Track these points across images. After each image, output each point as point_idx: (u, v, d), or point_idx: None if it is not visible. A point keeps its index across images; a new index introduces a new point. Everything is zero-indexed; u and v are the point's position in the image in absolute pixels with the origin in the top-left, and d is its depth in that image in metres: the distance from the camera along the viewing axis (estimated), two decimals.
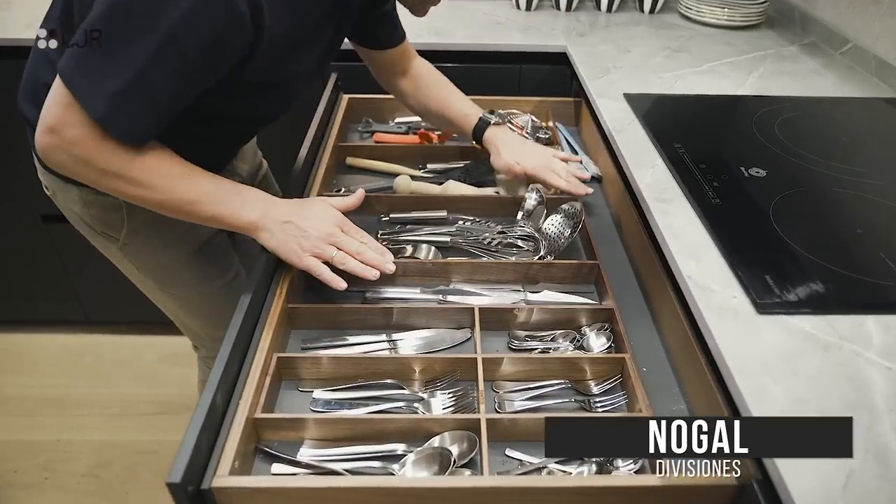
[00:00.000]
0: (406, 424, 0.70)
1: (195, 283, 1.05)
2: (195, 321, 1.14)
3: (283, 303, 0.82)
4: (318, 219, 0.82)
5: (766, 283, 0.70)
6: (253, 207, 0.81)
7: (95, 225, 0.95)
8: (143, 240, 0.97)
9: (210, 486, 0.60)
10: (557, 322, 0.86)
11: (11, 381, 1.81)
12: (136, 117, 0.71)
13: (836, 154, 0.98)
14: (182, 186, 0.78)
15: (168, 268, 1.02)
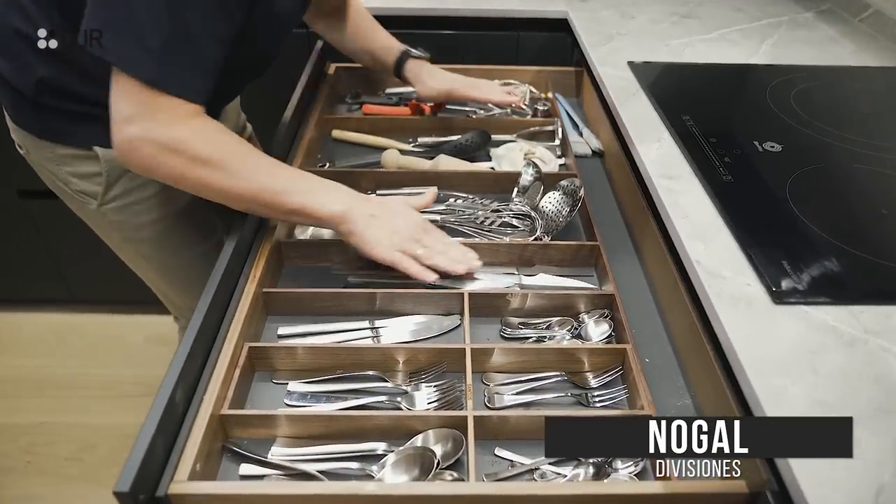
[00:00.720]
0: (387, 422, 0.65)
1: (175, 249, 1.01)
2: (174, 290, 1.09)
3: (257, 287, 0.76)
4: (404, 217, 0.81)
5: (782, 269, 0.63)
6: (338, 199, 0.78)
7: (71, 184, 0.91)
8: (121, 201, 0.93)
9: (166, 492, 0.54)
10: (554, 308, 0.79)
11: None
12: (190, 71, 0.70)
13: (856, 127, 0.91)
14: (268, 175, 0.76)
15: (146, 231, 0.97)
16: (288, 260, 0.87)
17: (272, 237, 0.83)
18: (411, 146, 1.12)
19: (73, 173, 0.90)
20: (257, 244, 0.81)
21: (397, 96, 1.29)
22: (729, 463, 0.53)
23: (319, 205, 0.77)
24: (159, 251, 1.01)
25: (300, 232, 0.92)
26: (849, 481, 0.46)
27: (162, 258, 1.02)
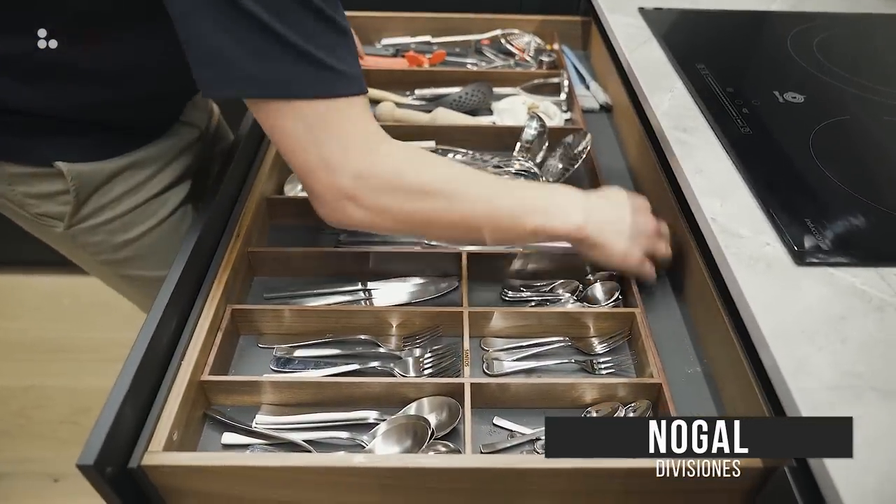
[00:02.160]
0: (379, 389, 0.61)
1: (160, 263, 0.88)
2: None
3: (242, 246, 0.71)
4: (639, 212, 0.69)
5: (805, 228, 0.58)
6: (576, 208, 0.65)
7: (27, 206, 0.78)
8: (94, 219, 0.80)
9: (139, 464, 0.50)
10: (558, 270, 0.75)
11: None
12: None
13: (885, 78, 0.85)
14: (497, 195, 0.64)
15: (126, 251, 0.85)
16: (275, 218, 0.82)
17: (258, 192, 0.78)
18: (409, 99, 1.06)
19: (28, 194, 0.76)
20: (242, 199, 0.77)
21: (394, 48, 1.22)
22: (729, 463, 0.50)
23: (561, 222, 0.64)
24: (144, 269, 0.88)
25: (290, 189, 0.87)
26: (878, 458, 0.41)
27: (148, 276, 0.89)
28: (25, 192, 0.76)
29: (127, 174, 0.80)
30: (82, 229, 0.81)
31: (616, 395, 0.61)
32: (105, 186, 0.78)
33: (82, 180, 0.76)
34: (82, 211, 0.79)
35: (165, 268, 0.87)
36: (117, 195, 0.80)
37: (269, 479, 0.52)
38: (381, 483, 0.52)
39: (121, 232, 0.83)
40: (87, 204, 0.78)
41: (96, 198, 0.79)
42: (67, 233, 0.80)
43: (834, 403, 0.44)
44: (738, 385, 0.56)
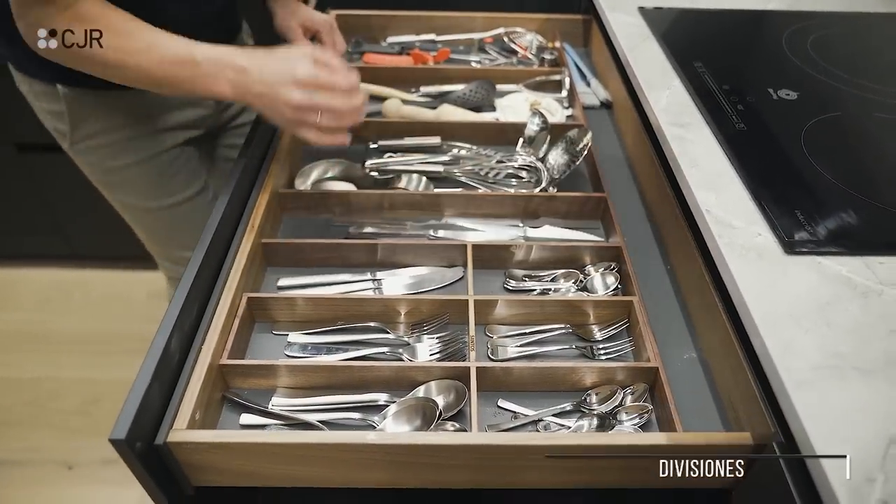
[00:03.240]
0: (389, 373, 0.64)
1: (148, 196, 0.98)
2: (150, 238, 1.07)
3: (256, 238, 0.74)
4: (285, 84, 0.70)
5: (795, 219, 0.61)
6: (220, 78, 0.71)
7: (46, 121, 0.90)
8: (89, 142, 0.90)
9: (165, 440, 0.54)
10: (559, 261, 0.78)
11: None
12: None
13: (878, 76, 0.87)
14: (146, 64, 0.70)
15: (117, 176, 0.95)
16: (286, 211, 0.85)
17: (271, 187, 0.81)
18: (415, 96, 1.09)
19: (43, 109, 0.89)
20: (255, 193, 0.80)
21: (399, 45, 1.25)
22: (733, 462, 0.53)
23: (207, 92, 0.72)
24: (132, 197, 0.98)
25: (300, 182, 0.90)
26: (860, 433, 0.44)
27: (134, 204, 0.99)
28: (40, 107, 0.89)
29: (122, 109, 0.88)
30: (80, 148, 0.91)
31: (615, 379, 0.64)
32: (95, 113, 0.87)
33: (73, 104, 0.85)
34: (78, 132, 0.88)
35: (151, 199, 0.97)
36: (109, 124, 0.88)
37: (286, 456, 0.55)
38: (392, 460, 0.55)
39: (110, 158, 0.92)
40: (81, 127, 0.88)
41: (91, 122, 0.88)
42: (71, 149, 0.92)
43: (817, 382, 0.47)
44: (730, 367, 0.59)
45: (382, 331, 0.70)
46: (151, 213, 0.99)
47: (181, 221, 1.01)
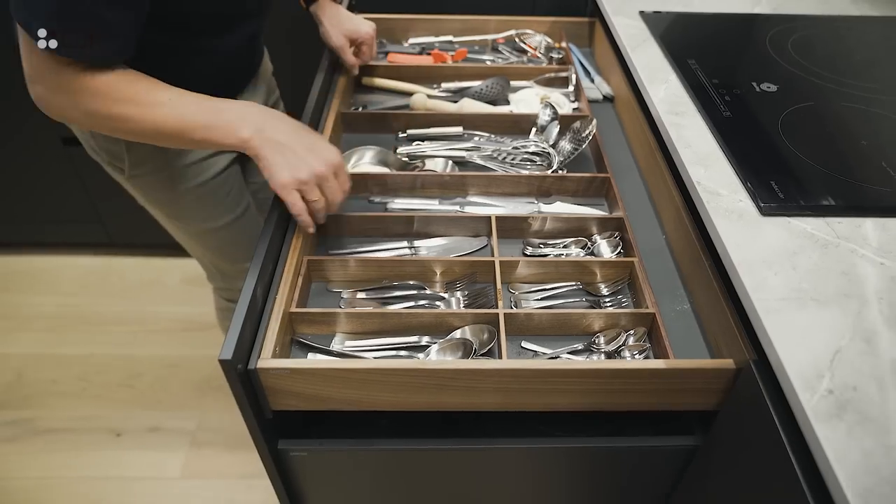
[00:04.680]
0: (430, 318, 0.76)
1: (202, 219, 1.05)
2: (205, 253, 1.14)
3: None
4: (317, 154, 0.75)
5: (770, 189, 0.73)
6: (244, 126, 0.74)
7: (102, 155, 0.96)
8: (148, 172, 0.96)
9: (256, 366, 0.66)
10: (570, 230, 0.90)
11: (40, 301, 1.89)
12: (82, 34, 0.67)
13: (848, 72, 1.00)
14: (164, 115, 0.73)
15: (174, 202, 1.01)
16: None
17: None
18: (437, 91, 1.22)
19: (102, 146, 0.94)
20: None
21: (419, 46, 1.37)
22: None
23: (223, 136, 0.74)
24: (187, 220, 1.04)
25: None
26: (814, 345, 0.56)
27: (190, 226, 1.06)
28: (99, 143, 0.93)
29: None
30: (138, 180, 0.97)
31: (619, 324, 0.77)
32: (152, 149, 0.92)
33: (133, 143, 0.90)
34: (136, 165, 0.94)
35: (207, 221, 1.04)
36: (165, 157, 0.95)
37: (351, 380, 0.67)
38: (438, 384, 0.68)
39: (168, 188, 0.98)
40: (139, 161, 0.94)
41: (149, 154, 0.94)
42: (129, 181, 0.98)
43: (783, 310, 0.59)
44: (714, 309, 0.72)
45: (421, 287, 0.83)
46: (206, 234, 1.06)
47: (234, 237, 1.08)
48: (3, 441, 1.54)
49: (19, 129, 1.67)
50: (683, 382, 0.68)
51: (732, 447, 0.66)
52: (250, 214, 1.11)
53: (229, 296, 1.24)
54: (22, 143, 1.70)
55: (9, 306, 1.87)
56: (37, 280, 1.95)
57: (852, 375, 0.54)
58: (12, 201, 1.84)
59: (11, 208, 1.86)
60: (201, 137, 0.74)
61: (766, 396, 0.59)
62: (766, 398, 0.58)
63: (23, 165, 1.76)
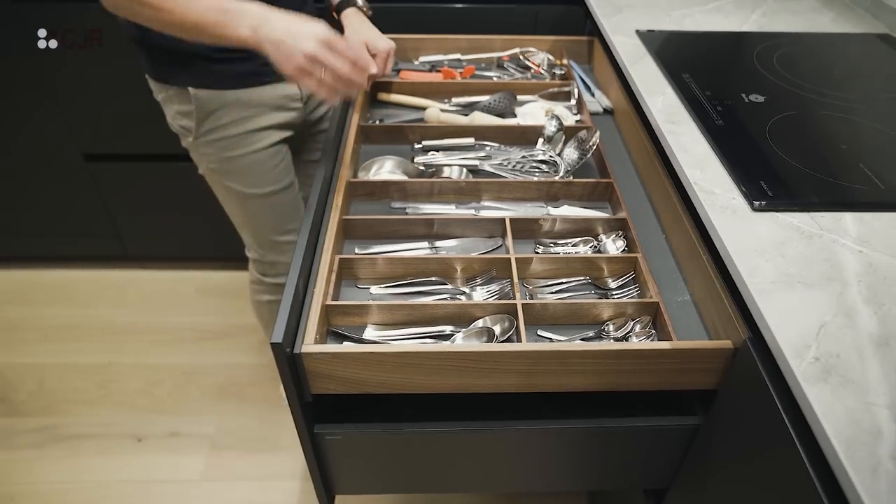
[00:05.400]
0: (453, 310, 0.83)
1: (248, 184, 1.19)
2: (245, 219, 1.27)
3: (339, 214, 0.94)
4: (303, 36, 0.86)
5: (760, 188, 0.81)
6: (243, 24, 0.87)
7: (176, 120, 1.11)
8: (208, 136, 1.12)
9: (300, 351, 0.73)
10: (577, 231, 0.98)
11: (58, 313, 1.95)
12: None
13: (828, 83, 1.08)
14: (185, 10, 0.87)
15: (226, 164, 1.16)
16: (354, 197, 1.05)
17: (344, 177, 1.00)
18: (448, 106, 1.30)
19: (174, 111, 1.10)
20: (334, 184, 0.99)
21: (429, 64, 1.46)
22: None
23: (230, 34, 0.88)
24: (238, 184, 1.19)
25: (362, 175, 1.10)
26: (801, 321, 0.64)
27: (237, 189, 1.20)
28: (173, 109, 1.11)
29: (235, 107, 1.10)
30: (201, 142, 1.13)
31: (626, 312, 0.84)
32: (218, 111, 1.09)
33: (200, 104, 1.07)
34: (202, 127, 1.10)
35: (254, 187, 1.20)
36: (226, 122, 1.10)
37: (386, 364, 0.74)
38: (466, 366, 0.75)
39: (225, 150, 1.14)
40: (205, 123, 1.10)
41: (212, 119, 1.10)
42: (193, 143, 1.14)
43: (774, 291, 0.67)
44: (711, 296, 0.79)
45: (442, 283, 0.90)
46: (252, 199, 1.20)
47: (275, 208, 1.22)
48: (28, 447, 1.59)
49: (43, 145, 1.74)
50: (686, 362, 0.75)
51: (732, 421, 0.73)
52: (291, 191, 1.24)
53: (261, 269, 1.36)
54: (45, 158, 1.77)
55: (30, 318, 1.93)
56: (56, 292, 2.01)
57: (835, 345, 0.61)
58: (35, 216, 1.91)
59: (33, 223, 1.93)
60: (214, 34, 0.88)
61: (760, 368, 0.66)
62: (762, 369, 0.66)
63: (45, 181, 1.83)
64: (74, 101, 1.64)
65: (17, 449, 1.59)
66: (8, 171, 1.80)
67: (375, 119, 1.25)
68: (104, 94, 1.63)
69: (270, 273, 1.35)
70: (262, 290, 1.38)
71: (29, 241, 1.99)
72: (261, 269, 1.35)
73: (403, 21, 1.44)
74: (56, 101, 1.64)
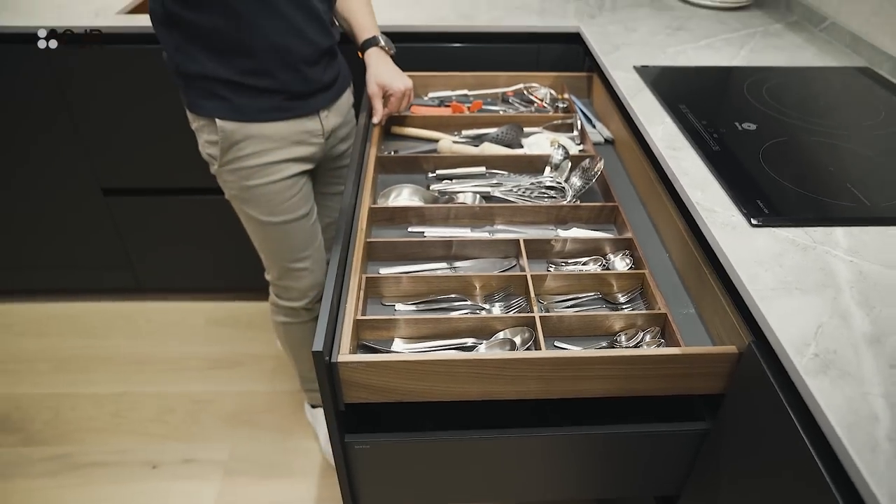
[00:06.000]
0: (475, 323, 0.89)
1: (267, 212, 1.25)
2: (265, 244, 1.32)
3: (364, 238, 1.00)
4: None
5: (757, 206, 0.88)
6: None
7: (205, 149, 1.19)
8: (231, 166, 1.19)
9: (336, 360, 0.78)
10: (587, 251, 1.04)
11: (72, 344, 1.98)
12: None
13: (814, 112, 1.17)
14: None
15: (247, 192, 1.22)
16: (375, 222, 1.12)
17: (366, 203, 1.07)
18: (458, 138, 1.37)
19: (206, 140, 1.18)
20: (357, 210, 1.06)
21: (438, 99, 1.54)
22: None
23: None
24: (256, 212, 1.25)
25: (382, 202, 1.16)
26: (800, 323, 0.70)
27: (257, 215, 1.25)
28: (203, 139, 1.18)
29: (257, 139, 1.17)
30: (224, 170, 1.20)
31: (636, 324, 0.90)
32: (241, 143, 1.16)
33: (226, 135, 1.14)
34: (225, 157, 1.18)
35: (270, 215, 1.27)
36: (247, 153, 1.17)
37: (415, 371, 0.79)
38: (491, 373, 0.80)
39: (245, 179, 1.20)
40: (228, 153, 1.17)
41: (234, 150, 1.16)
42: (218, 170, 1.21)
43: (774, 298, 0.73)
44: (714, 306, 0.85)
45: (462, 300, 0.96)
46: (268, 227, 1.26)
47: (289, 236, 1.27)
48: (44, 476, 1.61)
49: (64, 180, 1.80)
50: (694, 367, 0.81)
51: (739, 422, 0.79)
52: (307, 221, 1.30)
53: (278, 292, 1.40)
54: (66, 193, 1.83)
55: (45, 349, 1.96)
56: (71, 324, 2.05)
57: (832, 343, 0.67)
58: (52, 250, 1.96)
59: (50, 256, 1.98)
60: None
61: (765, 367, 0.72)
62: (766, 368, 0.72)
63: (64, 215, 1.88)
64: (96, 136, 1.72)
65: (33, 478, 1.60)
66: (29, 206, 1.86)
67: (391, 151, 1.33)
68: (126, 129, 1.70)
69: (284, 297, 1.40)
70: (277, 311, 1.43)
71: (45, 273, 2.04)
72: (277, 291, 1.40)
73: (413, 59, 1.52)
74: (79, 137, 1.71)
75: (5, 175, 1.80)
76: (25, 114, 1.68)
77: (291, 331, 1.46)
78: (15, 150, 1.75)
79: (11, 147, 1.74)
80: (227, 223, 1.58)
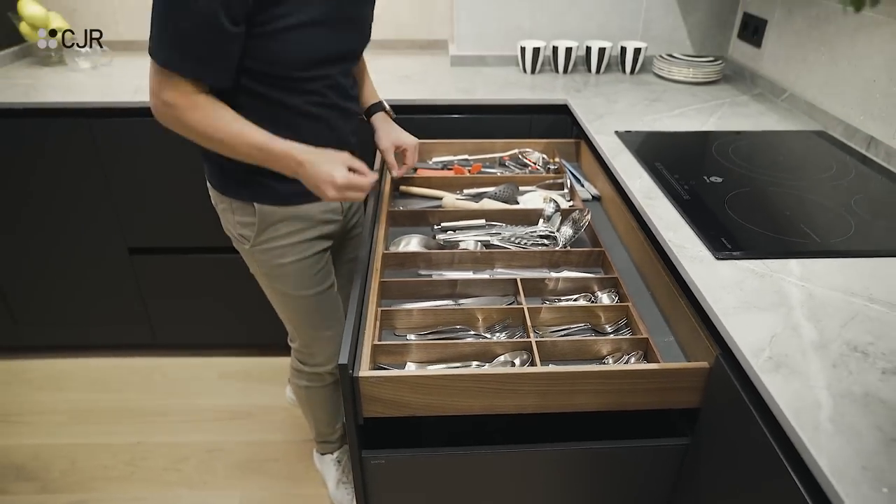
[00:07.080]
0: (479, 347, 1.01)
1: (294, 287, 1.31)
2: (291, 316, 1.39)
3: (378, 278, 1.13)
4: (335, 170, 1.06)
5: (721, 242, 1.02)
6: (284, 168, 1.08)
7: (236, 228, 1.24)
8: (265, 245, 1.24)
9: (358, 375, 0.89)
10: (577, 289, 1.17)
11: (88, 397, 2.06)
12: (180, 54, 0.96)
13: (775, 167, 1.33)
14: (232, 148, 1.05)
15: (276, 270, 1.28)
16: (386, 267, 1.24)
17: (379, 250, 1.20)
18: (460, 195, 1.52)
19: (238, 221, 1.23)
20: (373, 255, 1.19)
21: (441, 163, 1.70)
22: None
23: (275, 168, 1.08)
24: (286, 287, 1.31)
25: (392, 249, 1.30)
26: (757, 334, 0.82)
27: (286, 291, 1.32)
28: (235, 219, 1.23)
29: (293, 220, 1.24)
30: (258, 249, 1.25)
31: (622, 348, 1.01)
32: (278, 224, 1.22)
33: (263, 218, 1.21)
34: (261, 237, 1.23)
35: (300, 289, 1.35)
36: (283, 232, 1.24)
37: (430, 386, 0.90)
38: (495, 387, 0.91)
39: (278, 257, 1.26)
40: (264, 233, 1.23)
41: (271, 230, 1.23)
42: (250, 250, 1.26)
43: (736, 314, 0.85)
44: (690, 333, 0.97)
45: (466, 330, 1.07)
46: (297, 300, 1.33)
47: (317, 307, 1.35)
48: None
49: (92, 240, 1.94)
50: (672, 381, 0.92)
51: (715, 433, 0.89)
52: (331, 292, 1.38)
53: (302, 359, 1.47)
54: (92, 252, 1.96)
55: (63, 402, 2.04)
56: (85, 378, 2.13)
57: (784, 348, 0.79)
58: (76, 306, 2.07)
59: (74, 313, 2.09)
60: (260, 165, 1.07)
61: (730, 374, 0.83)
62: (731, 375, 0.83)
63: (88, 273, 2.01)
64: (127, 199, 1.87)
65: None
66: (58, 264, 1.99)
67: (399, 206, 1.47)
68: (154, 192, 1.85)
69: (310, 363, 1.47)
70: (300, 376, 1.50)
71: (66, 330, 2.14)
72: (301, 357, 1.48)
73: (418, 129, 1.69)
74: (111, 201, 1.86)
75: (38, 235, 1.94)
76: (62, 177, 1.83)
77: (313, 394, 1.52)
78: (52, 214, 1.89)
79: (49, 210, 1.89)
80: (239, 281, 1.68)
